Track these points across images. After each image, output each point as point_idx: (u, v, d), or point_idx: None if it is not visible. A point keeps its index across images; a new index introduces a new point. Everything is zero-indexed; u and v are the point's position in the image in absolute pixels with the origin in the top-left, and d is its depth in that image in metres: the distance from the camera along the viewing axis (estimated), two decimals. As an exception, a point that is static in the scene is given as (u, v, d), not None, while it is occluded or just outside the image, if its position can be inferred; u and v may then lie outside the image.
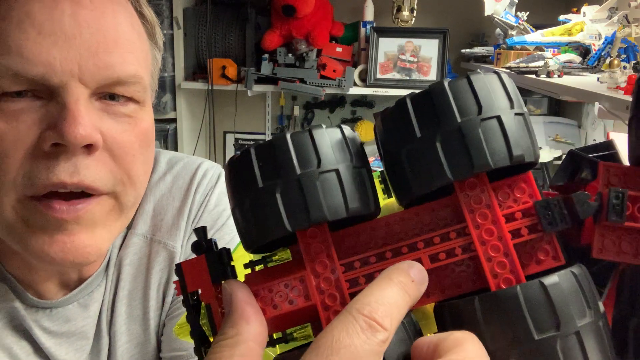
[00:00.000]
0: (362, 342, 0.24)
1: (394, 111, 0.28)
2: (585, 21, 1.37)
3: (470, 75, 0.27)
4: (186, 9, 2.28)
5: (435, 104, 0.26)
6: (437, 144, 0.26)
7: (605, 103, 0.91)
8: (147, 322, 0.64)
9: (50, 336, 0.57)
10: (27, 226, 0.47)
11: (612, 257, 0.27)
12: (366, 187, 0.28)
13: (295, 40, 2.12)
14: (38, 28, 0.45)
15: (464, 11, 2.33)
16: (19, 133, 0.45)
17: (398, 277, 0.26)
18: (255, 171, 0.27)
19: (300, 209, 0.26)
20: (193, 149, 2.45)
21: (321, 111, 2.62)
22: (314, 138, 0.27)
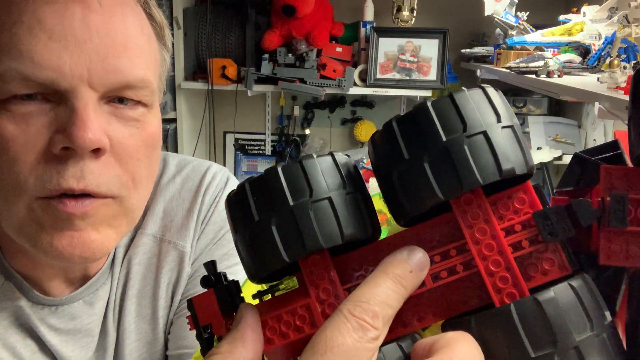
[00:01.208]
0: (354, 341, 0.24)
1: (383, 134, 0.28)
2: (585, 21, 1.37)
3: (453, 94, 0.27)
4: (186, 9, 2.28)
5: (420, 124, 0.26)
6: (425, 164, 0.26)
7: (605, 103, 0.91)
8: (156, 321, 0.65)
9: (56, 333, 0.57)
10: (37, 224, 0.48)
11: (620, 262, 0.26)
12: (361, 212, 0.28)
13: (295, 40, 2.12)
14: (49, 33, 0.45)
15: (464, 11, 2.33)
16: (29, 136, 0.46)
17: (394, 270, 0.26)
18: (250, 205, 0.28)
19: (295, 239, 0.27)
20: (193, 149, 2.45)
21: (321, 111, 2.62)
22: (304, 168, 0.28)
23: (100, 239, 0.49)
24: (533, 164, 0.27)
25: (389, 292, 0.26)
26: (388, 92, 2.17)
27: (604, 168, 0.27)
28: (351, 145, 2.60)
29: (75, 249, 0.48)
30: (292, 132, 2.65)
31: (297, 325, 0.28)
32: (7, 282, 0.55)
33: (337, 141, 2.64)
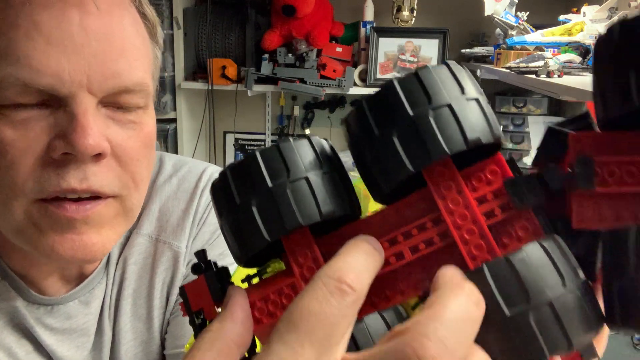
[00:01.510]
0: (332, 308, 0.24)
1: (354, 114, 0.29)
2: (585, 21, 1.37)
3: (418, 70, 0.28)
4: (186, 9, 2.28)
5: (388, 101, 0.28)
6: (394, 139, 0.27)
7: (605, 103, 0.91)
8: (151, 321, 0.65)
9: (52, 333, 0.58)
10: (36, 227, 0.48)
11: (594, 225, 0.27)
12: (339, 190, 0.29)
13: (295, 40, 2.12)
14: (46, 37, 0.45)
15: (464, 11, 2.33)
16: (28, 141, 0.46)
17: (363, 244, 0.27)
18: (232, 190, 0.29)
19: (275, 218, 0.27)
20: (193, 149, 2.45)
21: (321, 111, 2.62)
22: (281, 151, 0.28)
23: (101, 240, 0.50)
24: (500, 134, 0.28)
25: (363, 260, 0.26)
26: (388, 92, 2.17)
27: (572, 135, 0.28)
28: (351, 145, 2.61)
29: (77, 252, 0.48)
30: (292, 132, 2.65)
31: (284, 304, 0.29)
32: (3, 281, 0.55)
33: (337, 141, 2.64)
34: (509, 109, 2.30)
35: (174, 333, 0.66)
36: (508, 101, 2.30)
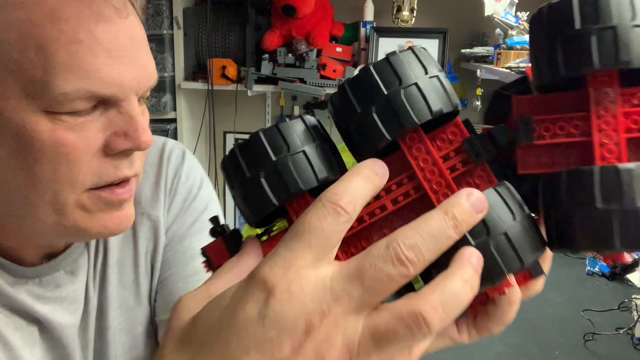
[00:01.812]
0: (328, 224, 0.31)
1: (338, 95, 0.36)
2: (585, 21, 1.37)
3: (389, 56, 0.34)
4: (186, 9, 2.28)
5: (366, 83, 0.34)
6: (373, 114, 0.34)
7: (605, 103, 0.91)
8: (138, 288, 0.70)
9: (44, 302, 0.60)
10: (85, 211, 0.54)
11: (534, 170, 0.35)
12: (329, 158, 0.36)
13: (295, 40, 2.12)
14: (107, 52, 0.51)
15: (464, 11, 2.33)
16: (87, 141, 0.52)
17: (364, 170, 0.33)
18: (241, 164, 0.35)
19: (280, 185, 0.34)
20: (193, 149, 2.45)
21: (321, 111, 2.62)
22: (281, 130, 0.35)
23: (132, 212, 0.58)
24: (457, 102, 0.35)
25: (359, 186, 0.32)
26: (388, 92, 2.17)
27: (514, 98, 0.36)
28: (351, 145, 2.61)
29: (122, 226, 0.56)
30: (292, 132, 2.65)
31: None
32: None
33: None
34: (509, 109, 2.30)
35: (166, 299, 0.71)
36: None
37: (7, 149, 0.51)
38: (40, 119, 0.50)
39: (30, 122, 0.50)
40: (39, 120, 0.50)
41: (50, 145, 0.50)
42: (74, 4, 0.50)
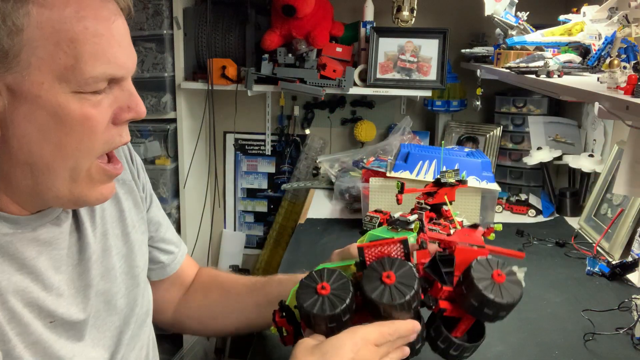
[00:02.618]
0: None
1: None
2: (585, 21, 1.37)
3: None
4: (186, 9, 2.28)
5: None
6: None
7: (605, 103, 0.90)
8: (127, 237, 0.86)
9: (36, 245, 0.70)
10: (90, 181, 0.69)
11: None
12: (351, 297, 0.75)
13: (295, 40, 2.12)
14: (118, 42, 0.66)
15: (464, 11, 2.33)
16: (102, 114, 0.66)
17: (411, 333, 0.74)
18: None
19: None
20: (193, 149, 2.45)
21: (321, 111, 2.62)
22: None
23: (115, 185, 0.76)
24: None
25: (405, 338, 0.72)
26: (388, 92, 2.17)
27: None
28: (351, 145, 2.60)
29: (111, 194, 0.73)
30: (292, 132, 2.65)
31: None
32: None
33: (337, 141, 2.64)
34: (509, 109, 2.30)
35: (162, 223, 0.98)
36: (508, 101, 2.29)
37: (38, 125, 0.62)
38: (70, 99, 0.63)
39: (63, 102, 0.62)
40: (69, 100, 0.63)
41: (79, 120, 0.64)
42: (92, 6, 0.64)
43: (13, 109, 0.62)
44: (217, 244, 2.80)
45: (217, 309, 1.03)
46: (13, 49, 0.60)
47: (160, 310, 1.01)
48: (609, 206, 1.69)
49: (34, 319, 0.67)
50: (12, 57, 0.60)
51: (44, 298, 0.69)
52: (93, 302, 0.77)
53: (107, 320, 0.80)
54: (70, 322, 0.72)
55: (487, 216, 1.70)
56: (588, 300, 1.28)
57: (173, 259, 1.01)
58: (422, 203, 1.42)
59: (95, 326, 0.77)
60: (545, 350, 1.08)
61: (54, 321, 0.70)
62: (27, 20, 0.60)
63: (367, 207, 1.71)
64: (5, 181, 0.66)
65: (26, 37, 0.60)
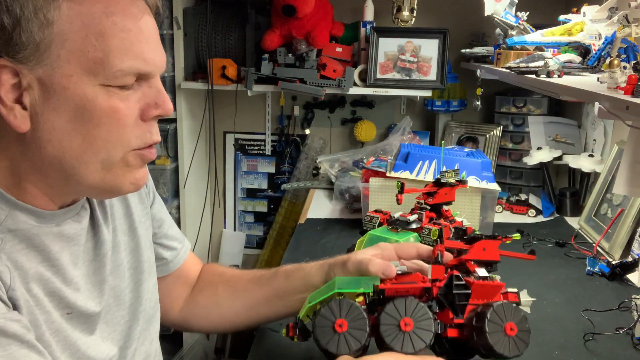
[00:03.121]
0: None
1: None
2: (585, 21, 1.37)
3: None
4: (186, 9, 2.28)
5: None
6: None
7: (605, 103, 0.91)
8: (134, 232, 0.88)
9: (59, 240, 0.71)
10: (127, 167, 0.70)
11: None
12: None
13: (295, 40, 2.12)
14: (147, 38, 0.68)
15: (464, 11, 2.33)
16: (130, 108, 0.68)
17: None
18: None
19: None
20: (193, 149, 2.45)
21: (321, 111, 2.62)
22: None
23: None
24: None
25: None
26: (388, 92, 2.17)
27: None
28: (351, 145, 2.60)
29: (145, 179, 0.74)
30: (292, 132, 2.65)
31: None
32: (12, 210, 0.67)
33: (337, 141, 2.64)
34: (509, 109, 2.30)
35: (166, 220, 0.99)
36: (508, 101, 2.29)
37: (67, 117, 0.64)
38: (98, 91, 0.65)
39: (91, 94, 0.64)
40: (97, 92, 0.65)
41: (106, 112, 0.65)
42: (121, 2, 0.65)
43: (43, 101, 0.63)
44: (217, 244, 2.80)
45: (225, 306, 1.03)
46: (44, 41, 0.61)
47: (167, 308, 1.01)
48: (609, 206, 1.69)
49: (54, 308, 0.69)
50: (43, 49, 0.62)
51: (64, 290, 0.70)
52: (106, 297, 0.79)
53: (116, 315, 0.81)
54: (86, 315, 0.74)
55: (487, 216, 1.70)
56: (588, 300, 1.28)
57: (176, 255, 1.01)
58: (422, 203, 1.43)
59: (105, 320, 0.79)
60: (545, 350, 1.08)
61: (71, 313, 0.71)
62: (57, 14, 0.62)
63: (367, 207, 1.71)
64: (37, 174, 0.68)
65: (56, 31, 0.62)
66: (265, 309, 1.01)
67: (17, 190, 0.68)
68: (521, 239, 1.70)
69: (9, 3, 0.61)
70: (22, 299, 0.64)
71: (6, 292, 0.62)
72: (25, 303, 0.64)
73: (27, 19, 0.61)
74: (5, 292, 0.62)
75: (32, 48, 0.61)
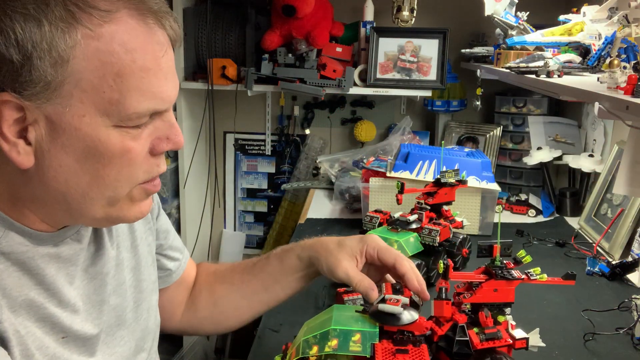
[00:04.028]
0: None
1: None
2: (585, 21, 1.37)
3: None
4: (186, 9, 2.28)
5: None
6: None
7: (605, 103, 0.91)
8: (136, 249, 0.86)
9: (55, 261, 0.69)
10: (131, 200, 0.68)
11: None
12: None
13: (295, 40, 2.12)
14: (164, 75, 0.64)
15: (464, 11, 2.33)
16: (141, 146, 0.65)
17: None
18: None
19: None
20: (193, 149, 2.45)
21: (321, 111, 2.62)
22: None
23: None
24: None
25: None
26: (388, 92, 2.17)
27: None
28: (351, 145, 2.60)
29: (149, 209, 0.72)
30: (292, 132, 2.65)
31: None
32: (8, 231, 0.64)
33: (337, 141, 2.64)
34: (509, 109, 2.30)
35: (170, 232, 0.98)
36: (508, 101, 2.29)
37: (75, 157, 0.61)
38: (111, 132, 0.62)
39: (104, 136, 0.61)
40: (110, 134, 0.61)
41: (119, 153, 0.63)
42: (140, 37, 0.61)
43: (51, 139, 0.60)
44: (217, 244, 2.80)
45: (225, 304, 1.03)
46: (56, 80, 0.58)
47: (169, 316, 1.01)
48: (609, 206, 1.69)
49: (46, 334, 0.66)
50: (54, 88, 0.58)
51: (59, 314, 0.68)
52: (105, 318, 0.77)
53: (116, 336, 0.80)
54: (83, 338, 0.72)
55: (487, 216, 1.70)
56: (588, 300, 1.28)
57: (179, 265, 1.01)
58: (422, 203, 1.43)
59: (106, 342, 0.77)
60: (545, 350, 1.08)
61: (66, 337, 0.69)
62: (73, 52, 0.57)
63: (367, 207, 1.71)
64: (36, 204, 0.65)
65: (71, 69, 0.58)
66: (265, 296, 1.00)
67: (15, 212, 0.65)
68: (521, 238, 1.70)
69: (19, 37, 0.56)
70: (10, 330, 0.61)
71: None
72: (14, 334, 0.62)
73: (39, 57, 0.56)
74: None
75: (42, 86, 0.57)
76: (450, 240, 1.39)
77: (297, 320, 1.16)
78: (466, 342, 0.76)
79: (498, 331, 0.77)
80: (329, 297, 1.27)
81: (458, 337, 0.76)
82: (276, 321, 1.18)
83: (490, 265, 0.83)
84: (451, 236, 1.39)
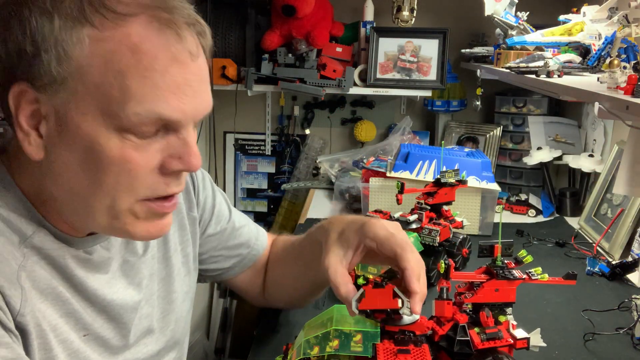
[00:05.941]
0: None
1: None
2: (585, 21, 1.37)
3: None
4: (186, 9, 2.28)
5: None
6: None
7: (605, 103, 0.91)
8: (168, 260, 0.84)
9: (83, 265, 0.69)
10: (134, 217, 0.64)
11: None
12: None
13: (295, 40, 2.12)
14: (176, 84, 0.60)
15: (464, 11, 2.33)
16: (147, 160, 0.62)
17: None
18: None
19: None
20: (193, 149, 2.45)
21: (321, 111, 2.62)
22: None
23: (171, 220, 0.70)
24: None
25: None
26: (388, 92, 2.17)
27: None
28: (351, 145, 2.60)
29: (162, 232, 0.68)
30: (292, 132, 2.65)
31: None
32: (40, 228, 0.66)
33: (337, 141, 2.64)
34: (509, 109, 2.30)
35: (226, 230, 0.99)
36: (508, 101, 2.29)
37: (77, 157, 0.60)
38: (111, 137, 0.60)
39: (103, 138, 0.59)
40: (110, 138, 0.59)
41: (117, 160, 0.60)
42: (155, 43, 0.59)
43: (58, 134, 0.60)
44: (217, 244, 2.80)
45: (292, 276, 1.02)
46: (61, 75, 0.58)
47: (250, 296, 1.07)
48: (609, 206, 1.69)
49: (71, 329, 0.67)
50: (60, 82, 0.58)
51: (81, 312, 0.69)
52: (134, 330, 0.77)
53: (141, 343, 0.80)
54: (103, 339, 0.72)
55: (487, 216, 1.70)
56: (588, 300, 1.28)
57: (241, 259, 1.03)
58: (422, 203, 1.43)
59: (129, 347, 0.77)
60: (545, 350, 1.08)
61: (87, 334, 0.70)
62: (79, 49, 0.58)
63: (367, 207, 1.71)
64: (52, 201, 0.66)
65: (76, 65, 0.58)
66: (310, 278, 0.97)
67: (44, 209, 0.66)
68: (521, 238, 1.70)
69: (33, 29, 0.57)
70: (32, 322, 0.62)
71: (14, 319, 0.60)
72: (35, 327, 0.63)
73: (46, 50, 0.58)
74: (12, 320, 0.60)
75: (49, 79, 0.58)
76: (450, 240, 1.38)
77: (297, 320, 1.16)
78: (467, 342, 0.76)
79: (499, 331, 0.77)
80: (329, 297, 1.27)
81: (459, 337, 0.76)
82: (276, 321, 1.18)
83: (492, 265, 0.83)
84: (451, 236, 1.39)
